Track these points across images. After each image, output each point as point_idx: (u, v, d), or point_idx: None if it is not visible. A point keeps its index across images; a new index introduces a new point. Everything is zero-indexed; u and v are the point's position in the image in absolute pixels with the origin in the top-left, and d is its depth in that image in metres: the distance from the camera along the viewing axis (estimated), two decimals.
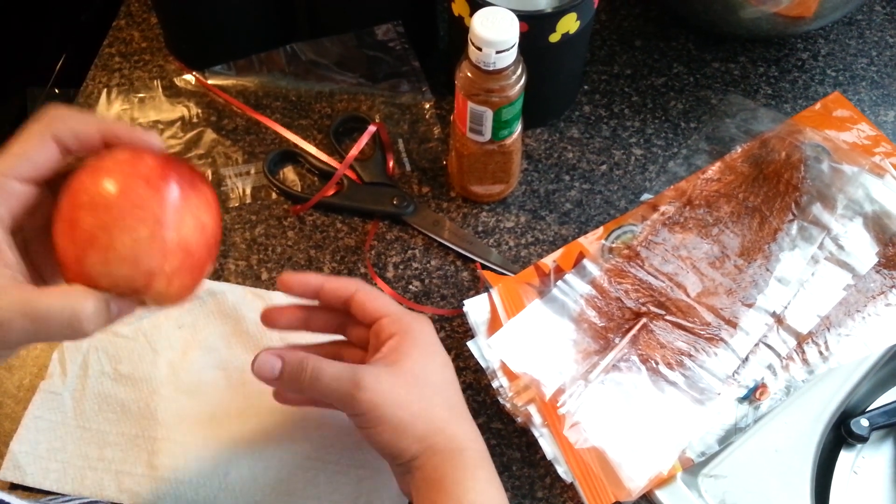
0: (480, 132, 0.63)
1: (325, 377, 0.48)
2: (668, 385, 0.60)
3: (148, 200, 0.39)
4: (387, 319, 0.52)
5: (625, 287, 0.64)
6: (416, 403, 0.49)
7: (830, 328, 0.63)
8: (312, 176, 0.72)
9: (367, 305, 0.53)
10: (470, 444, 0.50)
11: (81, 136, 0.41)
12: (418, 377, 0.50)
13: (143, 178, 0.39)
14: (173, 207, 0.39)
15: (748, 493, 0.59)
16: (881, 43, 0.81)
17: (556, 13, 0.62)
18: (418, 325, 0.52)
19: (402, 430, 0.48)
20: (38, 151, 0.40)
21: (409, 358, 0.50)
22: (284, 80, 0.77)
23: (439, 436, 0.49)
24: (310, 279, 0.54)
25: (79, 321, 0.38)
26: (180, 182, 0.40)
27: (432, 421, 0.49)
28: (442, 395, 0.51)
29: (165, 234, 0.39)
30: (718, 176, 0.70)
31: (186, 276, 0.41)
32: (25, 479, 0.57)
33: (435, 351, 0.52)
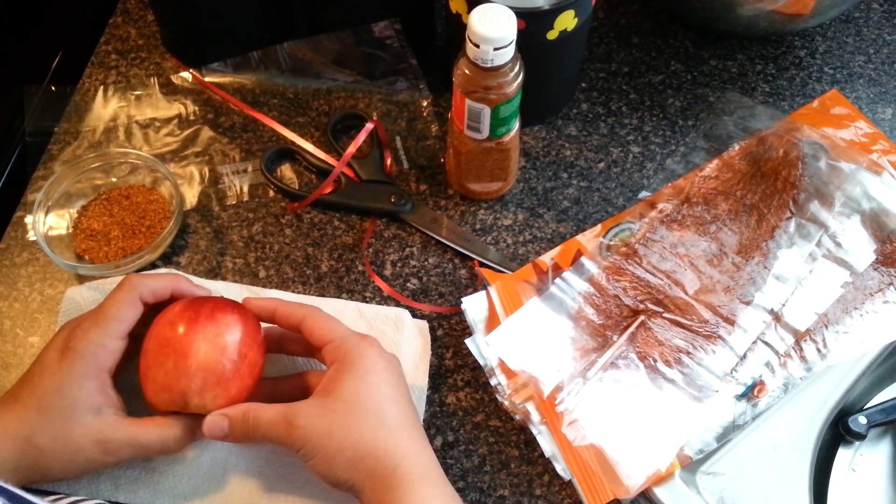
0: (478, 130, 0.63)
1: (262, 423, 0.52)
2: (667, 382, 0.60)
3: (171, 340, 0.52)
4: (329, 346, 0.54)
5: (623, 285, 0.64)
6: (345, 429, 0.50)
7: (828, 326, 0.63)
8: (310, 174, 0.72)
9: (314, 332, 0.54)
10: (404, 459, 0.50)
11: (157, 292, 0.55)
12: (349, 403, 0.51)
13: (168, 324, 0.52)
14: (189, 340, 0.51)
15: (746, 490, 0.59)
16: (878, 40, 0.81)
17: (554, 10, 0.62)
18: (357, 350, 0.53)
19: (332, 459, 0.50)
20: (131, 311, 0.54)
21: (342, 385, 0.51)
22: (282, 78, 0.77)
23: (370, 458, 0.49)
24: (265, 304, 0.56)
25: (169, 447, 0.53)
26: (197, 318, 0.52)
27: (362, 443, 0.50)
28: (374, 416, 0.51)
29: (186, 362, 0.51)
30: (716, 173, 0.70)
31: (216, 389, 0.52)
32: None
33: (370, 372, 0.52)
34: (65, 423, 0.51)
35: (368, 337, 0.55)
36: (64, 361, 0.52)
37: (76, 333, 0.52)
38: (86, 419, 0.51)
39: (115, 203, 0.68)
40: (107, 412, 0.52)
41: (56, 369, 0.52)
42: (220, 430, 0.52)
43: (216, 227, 0.69)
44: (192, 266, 0.67)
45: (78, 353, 0.52)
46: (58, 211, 0.68)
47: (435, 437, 0.60)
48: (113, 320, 0.53)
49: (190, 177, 0.71)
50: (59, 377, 0.51)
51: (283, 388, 0.57)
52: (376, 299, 0.65)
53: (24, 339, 0.64)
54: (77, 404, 0.51)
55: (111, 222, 0.67)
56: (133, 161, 0.69)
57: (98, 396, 0.52)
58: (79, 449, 0.51)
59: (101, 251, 0.66)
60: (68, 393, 0.51)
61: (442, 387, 0.62)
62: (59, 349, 0.52)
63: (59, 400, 0.51)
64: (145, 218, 0.67)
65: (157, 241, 0.65)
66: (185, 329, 0.52)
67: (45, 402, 0.51)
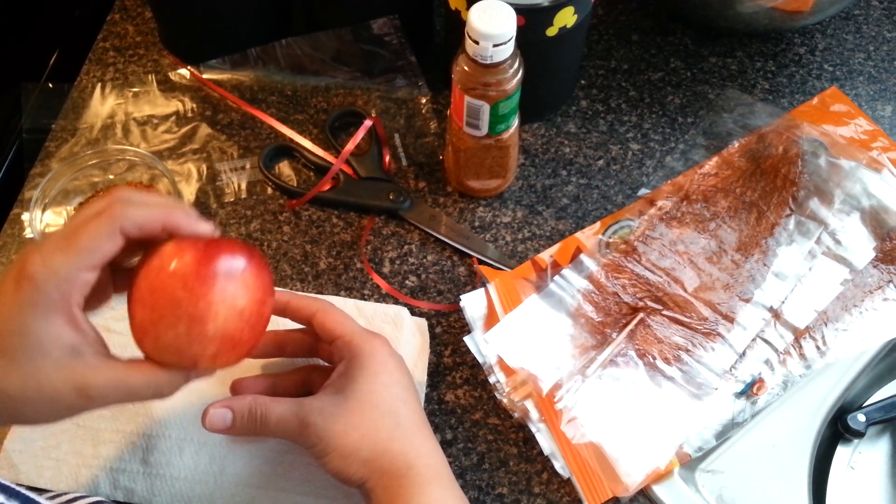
0: (477, 126, 0.63)
1: (272, 418, 0.50)
2: (666, 380, 0.60)
3: (184, 301, 0.44)
4: (340, 342, 0.53)
5: (622, 282, 0.64)
6: (360, 429, 0.50)
7: (828, 323, 0.63)
8: (308, 171, 0.72)
9: (325, 325, 0.54)
10: (418, 460, 0.50)
11: (145, 227, 0.45)
12: (363, 401, 0.51)
13: (177, 276, 0.44)
14: (206, 304, 0.44)
15: (745, 488, 0.59)
16: (878, 38, 0.80)
17: (554, 7, 0.62)
18: (368, 348, 0.53)
19: (347, 457, 0.49)
20: (106, 243, 0.44)
21: (355, 383, 0.51)
22: (280, 75, 0.76)
23: (385, 457, 0.49)
24: (278, 296, 0.54)
25: (161, 391, 0.46)
26: (216, 276, 0.44)
27: (377, 443, 0.50)
28: (388, 416, 0.51)
29: (202, 329, 0.44)
30: (716, 171, 0.70)
31: (229, 354, 0.46)
32: (20, 477, 0.57)
33: (383, 371, 0.52)
34: (37, 368, 0.43)
35: (379, 335, 0.55)
36: (20, 293, 0.42)
37: (34, 258, 0.43)
38: (62, 362, 0.43)
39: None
40: (86, 353, 0.44)
41: (12, 302, 0.43)
42: (223, 423, 0.51)
43: (214, 225, 0.69)
44: None
45: (36, 283, 0.42)
46: (55, 208, 0.68)
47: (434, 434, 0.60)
48: (85, 251, 0.43)
49: (188, 174, 0.71)
50: (19, 312, 0.42)
51: (283, 383, 0.57)
52: (375, 297, 0.65)
53: None
54: (48, 345, 0.43)
55: None
56: (130, 158, 0.69)
57: (71, 334, 0.43)
58: (56, 396, 0.43)
59: None
60: (34, 331, 0.42)
61: (440, 384, 0.62)
62: (14, 278, 0.43)
63: (24, 340, 0.43)
64: None
65: None
66: (198, 286, 0.44)
67: (9, 343, 0.43)
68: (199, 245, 0.45)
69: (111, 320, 0.62)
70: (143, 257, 0.46)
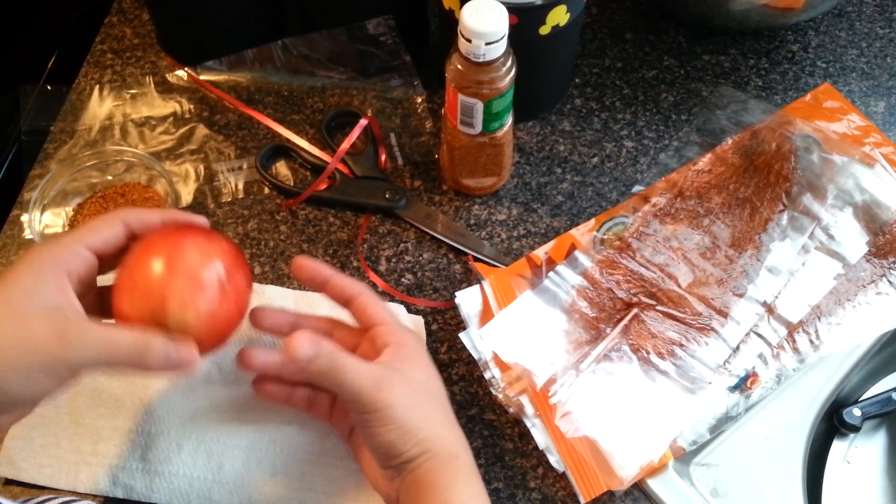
0: (471, 125, 0.63)
1: (350, 369, 0.48)
2: (660, 374, 0.60)
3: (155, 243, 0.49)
4: (384, 328, 0.54)
5: (616, 278, 0.64)
6: (421, 408, 0.50)
7: (821, 317, 0.63)
8: (305, 170, 0.73)
9: (368, 310, 0.54)
10: (462, 452, 0.51)
11: (146, 222, 0.50)
12: (421, 385, 0.52)
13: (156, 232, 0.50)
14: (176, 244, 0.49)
15: (740, 481, 0.59)
16: (871, 34, 0.81)
17: (546, 5, 0.63)
18: (412, 339, 0.54)
19: (407, 432, 0.49)
20: (108, 229, 0.49)
21: (411, 365, 0.52)
22: (276, 76, 0.77)
23: (438, 441, 0.50)
24: (322, 270, 0.55)
25: (143, 358, 0.46)
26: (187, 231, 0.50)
27: (433, 427, 0.50)
28: (440, 405, 0.53)
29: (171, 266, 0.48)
30: (709, 167, 0.70)
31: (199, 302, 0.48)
32: (20, 474, 0.57)
33: (428, 364, 0.54)
34: (21, 310, 0.45)
35: (414, 332, 0.57)
36: (21, 260, 0.47)
37: (41, 243, 0.49)
38: (46, 311, 0.45)
39: (111, 201, 0.68)
40: (68, 312, 0.46)
41: (12, 267, 0.47)
42: (310, 350, 0.47)
43: (211, 224, 0.69)
44: None
45: (38, 248, 0.47)
46: (54, 209, 0.68)
47: None
48: (88, 231, 0.48)
49: (185, 174, 0.72)
50: (15, 269, 0.46)
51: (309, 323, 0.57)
52: None
53: None
54: (34, 296, 0.45)
55: None
56: (129, 159, 0.70)
57: (57, 295, 0.46)
58: (35, 343, 0.44)
59: None
60: (23, 281, 0.46)
61: None
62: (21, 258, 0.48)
63: (14, 288, 0.45)
64: None
65: None
66: (173, 236, 0.49)
67: (2, 291, 0.45)
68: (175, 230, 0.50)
69: None
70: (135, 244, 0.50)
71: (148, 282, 0.47)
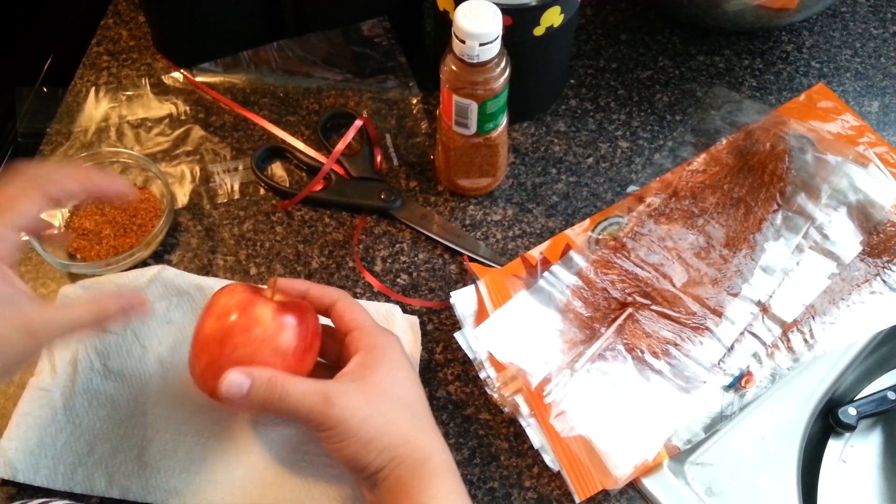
0: (466, 125, 0.63)
1: (293, 393, 0.49)
2: (654, 374, 0.60)
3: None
4: (357, 332, 0.54)
5: (611, 278, 0.64)
6: (382, 416, 0.50)
7: (815, 316, 0.63)
8: (300, 171, 0.73)
9: (344, 315, 0.55)
10: (434, 453, 0.51)
11: (66, 191, 0.51)
12: (384, 391, 0.51)
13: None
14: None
15: (735, 480, 0.59)
16: (865, 34, 0.81)
17: (540, 6, 0.63)
18: (386, 341, 0.54)
19: (367, 444, 0.49)
20: (30, 207, 0.50)
21: (375, 373, 0.52)
22: (272, 77, 0.77)
23: (403, 447, 0.50)
24: (297, 285, 0.56)
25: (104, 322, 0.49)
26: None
27: (397, 434, 0.50)
28: (406, 409, 0.52)
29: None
30: (704, 167, 0.71)
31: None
32: (17, 475, 0.57)
33: (400, 366, 0.54)
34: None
35: (393, 333, 0.56)
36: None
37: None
38: (2, 311, 0.47)
39: (107, 202, 0.69)
40: (22, 301, 0.48)
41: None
42: (239, 390, 0.49)
43: (207, 226, 0.70)
44: (184, 264, 0.67)
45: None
46: (50, 211, 0.68)
47: None
48: (9, 212, 0.49)
49: (181, 176, 0.72)
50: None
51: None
52: (367, 295, 0.66)
53: None
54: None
55: (103, 221, 0.67)
56: (124, 161, 0.70)
57: (5, 287, 0.48)
58: (3, 341, 0.46)
59: (93, 250, 0.66)
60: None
61: (432, 381, 0.62)
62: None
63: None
64: (136, 217, 0.68)
65: (148, 238, 0.65)
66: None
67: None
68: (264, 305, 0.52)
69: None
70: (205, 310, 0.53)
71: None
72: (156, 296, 0.64)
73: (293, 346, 0.51)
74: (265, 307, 0.51)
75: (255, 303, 0.52)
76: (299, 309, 0.53)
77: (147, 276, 0.64)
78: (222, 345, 0.51)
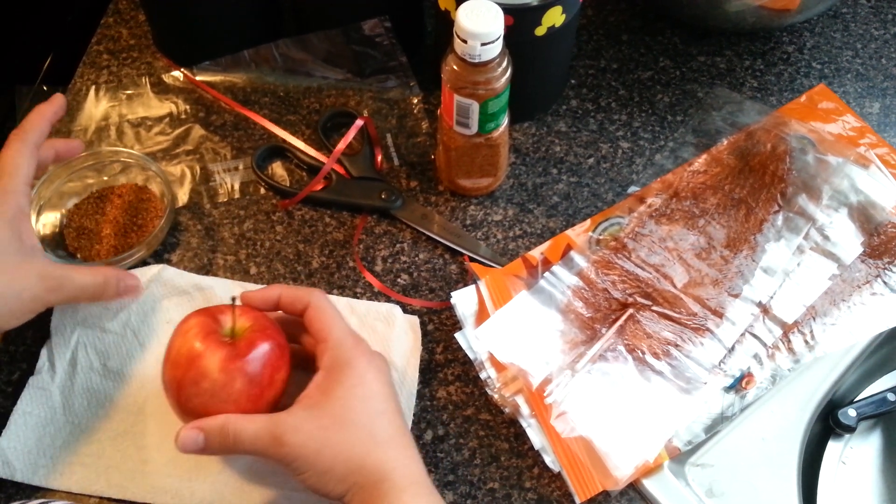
0: (467, 125, 0.63)
1: (245, 437, 0.50)
2: (655, 374, 0.60)
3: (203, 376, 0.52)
4: (322, 346, 0.54)
5: (612, 278, 0.64)
6: (335, 447, 0.50)
7: (816, 318, 0.63)
8: (301, 171, 0.73)
9: (314, 323, 0.55)
10: (392, 472, 0.50)
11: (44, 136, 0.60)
12: (338, 417, 0.51)
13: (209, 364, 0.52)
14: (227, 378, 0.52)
15: (735, 481, 0.59)
16: (866, 35, 0.81)
17: (542, 6, 0.63)
18: (347, 357, 0.53)
19: (324, 473, 0.50)
20: (30, 163, 0.58)
21: (331, 396, 0.51)
22: (272, 76, 0.77)
23: (361, 472, 0.50)
24: (267, 292, 0.56)
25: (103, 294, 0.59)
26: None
27: (352, 459, 0.50)
28: (363, 430, 0.51)
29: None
30: (705, 168, 0.70)
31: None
32: (14, 474, 0.57)
33: (361, 382, 0.52)
34: (4, 263, 0.54)
35: (361, 342, 0.55)
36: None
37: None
38: (26, 258, 0.55)
39: (108, 201, 0.68)
40: (39, 255, 0.57)
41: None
42: (195, 445, 0.51)
43: (207, 225, 0.69)
44: (184, 263, 0.67)
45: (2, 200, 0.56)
46: (50, 210, 0.68)
47: (425, 430, 0.60)
48: (17, 171, 0.57)
49: (181, 175, 0.72)
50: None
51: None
52: (367, 295, 0.66)
53: (16, 335, 0.64)
54: (12, 246, 0.55)
55: (103, 220, 0.67)
56: (125, 160, 0.70)
57: (32, 238, 0.57)
58: (25, 286, 0.54)
59: (94, 249, 0.66)
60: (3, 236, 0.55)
61: (433, 381, 0.62)
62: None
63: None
64: (137, 216, 0.68)
65: (148, 238, 0.65)
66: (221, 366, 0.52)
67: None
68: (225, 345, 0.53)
69: (106, 320, 0.62)
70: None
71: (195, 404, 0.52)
72: (156, 295, 0.63)
73: (245, 393, 0.51)
74: (214, 356, 0.51)
75: (203, 353, 0.51)
76: (257, 340, 0.53)
77: (147, 276, 0.64)
78: (178, 394, 0.52)
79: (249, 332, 0.53)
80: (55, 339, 0.62)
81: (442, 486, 0.58)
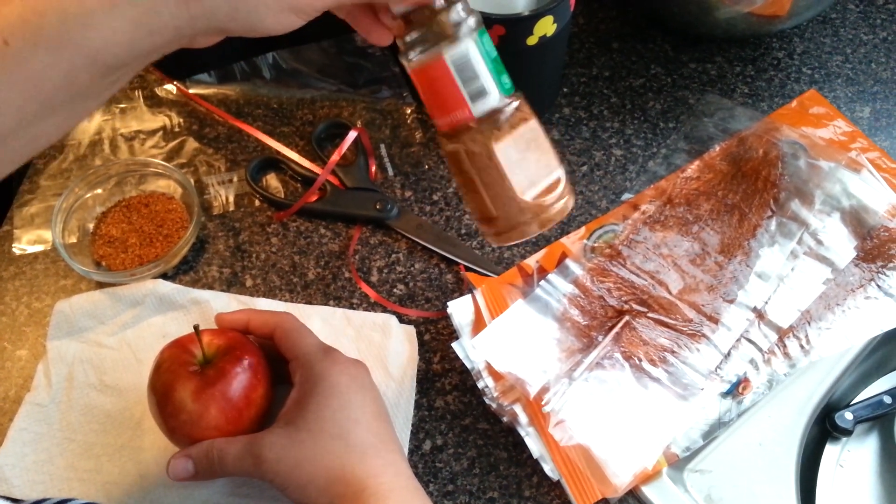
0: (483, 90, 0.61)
1: (229, 459, 0.52)
2: (652, 381, 0.60)
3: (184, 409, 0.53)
4: (293, 364, 0.55)
5: (607, 285, 0.64)
6: (314, 458, 0.51)
7: (811, 322, 0.64)
8: (295, 182, 0.73)
9: (282, 343, 0.56)
10: (370, 479, 0.50)
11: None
12: (313, 430, 0.51)
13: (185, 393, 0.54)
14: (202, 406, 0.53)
15: (734, 487, 0.59)
16: (855, 40, 0.82)
17: (533, 16, 0.63)
18: (318, 370, 0.53)
19: (305, 487, 0.50)
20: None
21: (305, 412, 0.52)
22: (266, 88, 0.77)
23: (339, 484, 0.50)
24: (237, 316, 0.58)
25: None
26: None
27: (330, 470, 0.50)
28: (339, 440, 0.51)
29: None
30: (698, 174, 0.71)
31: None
32: (13, 491, 0.57)
33: (332, 394, 0.53)
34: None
35: (332, 352, 0.55)
36: None
37: None
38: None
39: (135, 211, 0.69)
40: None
41: None
42: (186, 473, 0.53)
43: (202, 237, 0.69)
44: (179, 276, 0.67)
45: None
46: (77, 218, 0.68)
47: (424, 441, 0.60)
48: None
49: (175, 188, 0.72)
50: None
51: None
52: (363, 305, 0.66)
53: (12, 352, 0.64)
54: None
55: (129, 229, 0.67)
56: (153, 169, 0.70)
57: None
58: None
59: (119, 258, 0.66)
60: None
61: (430, 391, 0.62)
62: None
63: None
64: (163, 226, 0.68)
65: (174, 249, 0.65)
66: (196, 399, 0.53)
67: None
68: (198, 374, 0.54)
69: (103, 335, 0.62)
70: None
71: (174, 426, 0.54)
72: (152, 310, 0.63)
73: (223, 417, 0.53)
74: (185, 389, 0.52)
75: (175, 386, 0.53)
76: (227, 365, 0.54)
77: (143, 291, 0.64)
78: (164, 426, 0.54)
79: (221, 356, 0.54)
80: (51, 354, 0.61)
81: (441, 497, 0.58)
